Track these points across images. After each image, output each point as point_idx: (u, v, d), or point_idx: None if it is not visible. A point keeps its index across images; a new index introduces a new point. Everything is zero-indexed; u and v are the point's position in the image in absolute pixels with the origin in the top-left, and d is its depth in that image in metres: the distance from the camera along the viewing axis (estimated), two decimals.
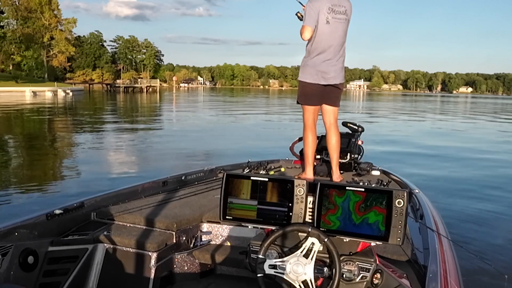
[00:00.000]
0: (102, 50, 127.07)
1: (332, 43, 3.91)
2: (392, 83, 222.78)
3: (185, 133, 16.60)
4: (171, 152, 11.83)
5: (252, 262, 2.15)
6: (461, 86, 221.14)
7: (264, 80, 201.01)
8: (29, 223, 2.58)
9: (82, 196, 3.15)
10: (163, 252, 2.71)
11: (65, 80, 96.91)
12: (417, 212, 3.25)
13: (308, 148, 4.14)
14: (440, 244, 2.58)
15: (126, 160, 11.19)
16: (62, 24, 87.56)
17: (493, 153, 13.47)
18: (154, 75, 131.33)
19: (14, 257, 2.36)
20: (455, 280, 2.39)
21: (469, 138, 18.00)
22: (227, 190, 2.19)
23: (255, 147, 13.16)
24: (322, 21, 3.84)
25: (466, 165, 11.24)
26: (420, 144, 14.84)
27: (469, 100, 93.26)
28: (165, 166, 9.68)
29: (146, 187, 3.59)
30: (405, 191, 1.95)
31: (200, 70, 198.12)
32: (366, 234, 1.97)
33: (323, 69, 3.94)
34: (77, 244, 2.70)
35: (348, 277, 2.01)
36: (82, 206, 2.98)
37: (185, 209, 3.16)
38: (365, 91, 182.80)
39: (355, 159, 4.78)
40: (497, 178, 9.54)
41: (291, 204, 2.09)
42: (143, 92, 77.88)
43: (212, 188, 3.78)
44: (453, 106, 56.51)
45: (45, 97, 48.12)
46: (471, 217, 6.41)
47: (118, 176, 8.81)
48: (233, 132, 18.14)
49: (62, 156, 12.02)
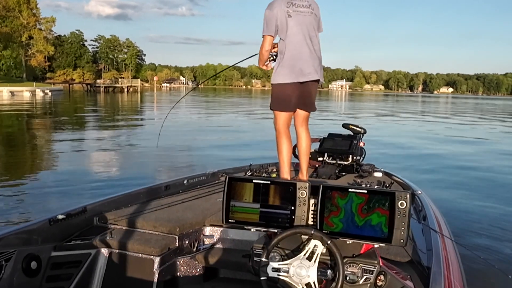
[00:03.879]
0: (83, 49, 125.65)
1: (301, 36, 3.70)
2: (374, 83, 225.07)
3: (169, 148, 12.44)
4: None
5: (255, 265, 2.15)
6: (442, 86, 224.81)
7: (247, 80, 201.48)
8: (32, 228, 2.58)
9: (84, 202, 3.14)
10: (166, 256, 2.71)
11: (45, 80, 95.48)
12: (420, 214, 3.24)
13: (281, 155, 3.85)
14: (444, 245, 2.58)
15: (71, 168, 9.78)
16: (40, 23, 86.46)
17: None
18: (136, 75, 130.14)
19: (17, 263, 2.36)
20: (458, 281, 2.40)
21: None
22: (230, 194, 2.18)
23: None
24: (284, 17, 3.64)
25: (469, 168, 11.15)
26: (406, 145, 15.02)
27: (450, 101, 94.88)
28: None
29: (148, 191, 3.60)
30: (408, 192, 1.93)
31: (182, 70, 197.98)
32: (369, 236, 1.96)
33: (299, 65, 3.69)
34: (80, 249, 2.70)
35: (352, 279, 2.00)
36: (84, 211, 2.97)
37: (188, 213, 3.16)
38: (347, 91, 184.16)
39: (357, 161, 4.78)
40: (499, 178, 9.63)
41: (293, 207, 2.08)
42: (124, 92, 77.06)
43: (215, 192, 3.77)
44: (449, 107, 56.91)
45: (23, 97, 47.20)
46: (474, 218, 6.40)
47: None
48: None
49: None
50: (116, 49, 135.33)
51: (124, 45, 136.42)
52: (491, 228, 6.02)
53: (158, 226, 2.91)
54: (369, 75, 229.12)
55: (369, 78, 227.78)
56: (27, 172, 9.61)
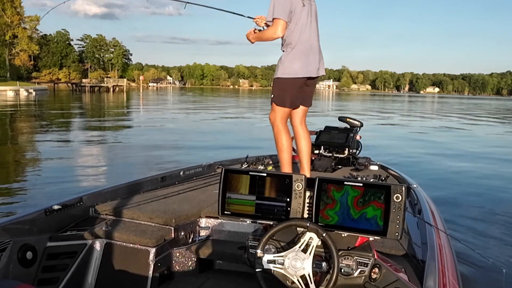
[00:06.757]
0: (69, 49, 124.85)
1: (313, 28, 3.53)
2: (361, 83, 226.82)
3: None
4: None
5: (250, 257, 2.15)
6: (428, 86, 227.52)
7: (234, 80, 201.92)
8: (28, 218, 2.57)
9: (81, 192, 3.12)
10: (161, 247, 2.70)
11: (31, 80, 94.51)
12: (415, 207, 3.25)
13: (284, 153, 3.71)
14: (438, 238, 2.58)
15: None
16: (24, 22, 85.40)
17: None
18: (122, 75, 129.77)
19: (13, 253, 2.36)
20: (452, 274, 2.41)
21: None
22: (226, 185, 2.17)
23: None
24: (299, 5, 3.41)
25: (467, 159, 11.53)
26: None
27: (436, 100, 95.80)
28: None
29: (144, 182, 3.58)
30: (404, 185, 1.93)
31: (169, 70, 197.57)
32: (364, 229, 1.95)
33: (310, 59, 3.52)
34: (76, 240, 2.70)
35: (347, 272, 2.00)
36: (80, 201, 2.97)
37: (184, 205, 3.16)
38: (334, 91, 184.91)
39: (354, 154, 4.79)
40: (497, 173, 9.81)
41: (289, 199, 2.08)
42: (110, 91, 76.12)
43: (211, 183, 3.77)
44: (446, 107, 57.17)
45: (6, 96, 46.53)
46: (469, 211, 6.48)
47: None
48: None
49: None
50: (103, 48, 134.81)
51: (111, 45, 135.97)
52: (485, 221, 6.11)
53: (154, 217, 2.91)
54: (356, 75, 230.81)
55: (356, 78, 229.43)
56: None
